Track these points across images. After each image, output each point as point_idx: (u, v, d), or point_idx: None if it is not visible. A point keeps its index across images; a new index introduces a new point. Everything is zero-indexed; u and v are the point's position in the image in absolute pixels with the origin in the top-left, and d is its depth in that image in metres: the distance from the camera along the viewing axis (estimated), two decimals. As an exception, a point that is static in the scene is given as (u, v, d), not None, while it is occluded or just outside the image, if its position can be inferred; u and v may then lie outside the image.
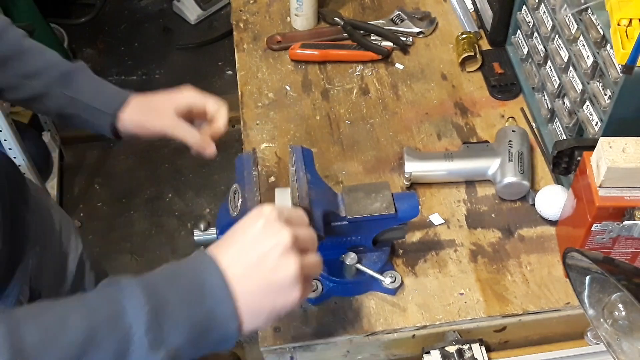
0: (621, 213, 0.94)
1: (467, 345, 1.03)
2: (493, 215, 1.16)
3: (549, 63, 1.21)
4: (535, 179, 1.20)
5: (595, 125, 1.06)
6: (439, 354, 1.02)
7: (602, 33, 1.00)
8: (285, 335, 1.03)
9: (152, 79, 2.85)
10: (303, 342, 1.03)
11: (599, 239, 0.97)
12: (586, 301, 0.88)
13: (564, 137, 1.17)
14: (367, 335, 1.04)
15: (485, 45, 1.42)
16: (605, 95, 1.02)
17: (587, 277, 0.87)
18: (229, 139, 2.60)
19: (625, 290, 0.77)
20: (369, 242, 1.04)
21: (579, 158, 1.05)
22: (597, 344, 1.05)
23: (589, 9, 1.02)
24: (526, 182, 1.15)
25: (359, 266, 1.02)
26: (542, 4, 1.20)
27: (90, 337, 0.64)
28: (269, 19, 1.50)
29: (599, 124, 1.04)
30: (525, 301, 1.06)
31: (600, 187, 0.94)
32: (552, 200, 1.12)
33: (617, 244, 0.98)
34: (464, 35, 1.39)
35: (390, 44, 1.42)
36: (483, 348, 1.04)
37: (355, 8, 1.51)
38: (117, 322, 0.65)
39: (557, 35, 1.16)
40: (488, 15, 1.41)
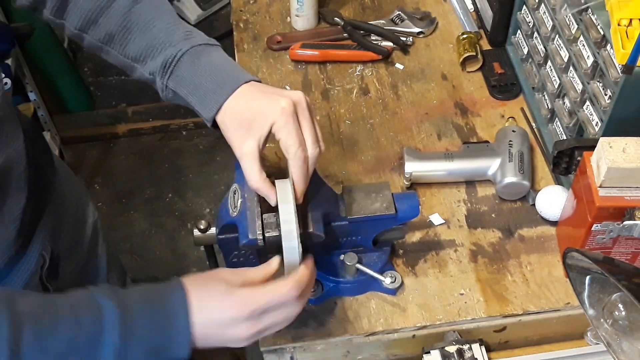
0: (621, 213, 0.94)
1: (467, 346, 1.03)
2: (493, 215, 1.16)
3: (549, 63, 1.21)
4: (536, 179, 1.20)
5: (596, 125, 1.06)
6: (439, 354, 1.02)
7: (602, 33, 1.00)
8: (285, 335, 1.03)
9: (152, 79, 2.85)
10: (303, 342, 1.03)
11: (599, 239, 0.97)
12: (586, 301, 0.88)
13: (564, 137, 1.17)
14: (367, 335, 1.04)
15: (486, 45, 1.42)
16: (606, 95, 1.02)
17: (587, 277, 0.87)
18: (229, 139, 2.63)
19: (625, 290, 0.77)
20: (369, 242, 1.04)
21: (579, 158, 1.05)
22: (597, 344, 1.05)
23: (589, 9, 1.02)
24: (526, 182, 1.15)
25: (359, 266, 1.02)
26: (542, 4, 1.20)
27: (72, 348, 0.75)
28: (269, 19, 1.50)
29: (599, 124, 1.04)
30: (525, 301, 1.06)
31: (600, 187, 0.94)
32: (553, 201, 1.12)
33: (617, 244, 0.98)
34: (465, 35, 1.39)
35: (390, 44, 1.42)
36: (483, 348, 1.04)
37: (355, 8, 1.51)
38: (95, 343, 0.76)
39: (557, 35, 1.16)
40: (488, 15, 1.41)
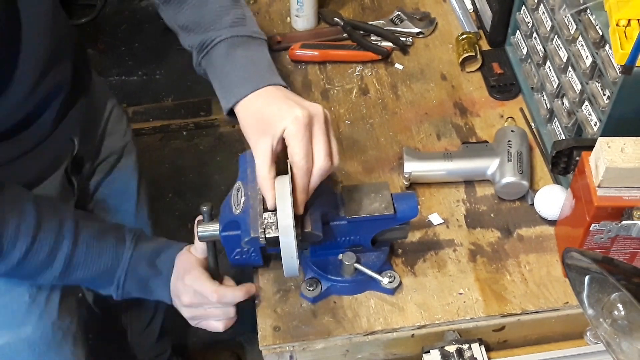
0: (620, 213, 0.94)
1: (467, 345, 1.03)
2: (492, 215, 1.17)
3: (548, 63, 1.21)
4: (534, 179, 1.20)
5: (594, 125, 1.06)
6: (439, 353, 1.03)
7: (601, 33, 1.00)
8: (285, 334, 1.03)
9: (152, 79, 2.85)
10: (303, 342, 1.03)
11: (597, 239, 0.97)
12: (585, 301, 0.88)
13: (563, 137, 1.18)
14: (367, 335, 1.04)
15: (485, 45, 1.42)
16: (604, 95, 1.02)
17: (586, 277, 0.87)
18: (229, 139, 2.64)
19: (625, 290, 0.77)
20: (367, 242, 1.04)
21: (577, 158, 1.05)
22: (597, 343, 1.05)
23: (588, 10, 1.02)
24: (525, 182, 1.15)
25: (357, 266, 1.02)
26: (542, 4, 1.21)
27: (99, 274, 1.06)
28: (269, 19, 1.51)
29: (598, 124, 1.05)
30: (524, 301, 1.06)
31: (598, 187, 0.94)
32: (552, 200, 1.12)
33: (615, 243, 0.98)
34: (464, 36, 1.39)
35: (390, 44, 1.42)
36: (482, 347, 1.04)
37: (355, 8, 1.52)
38: (111, 274, 1.07)
39: (556, 36, 1.17)
40: (487, 15, 1.41)
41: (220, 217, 1.01)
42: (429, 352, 1.04)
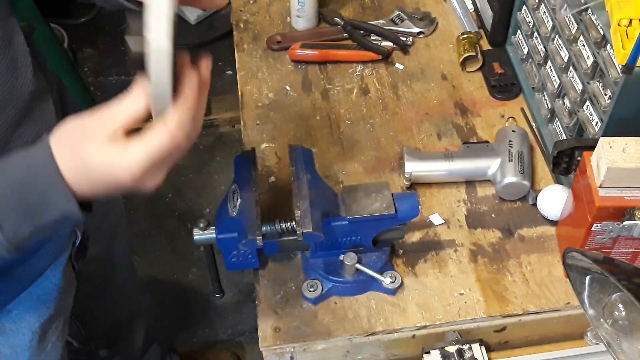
0: (621, 213, 0.94)
1: (467, 345, 1.03)
2: (493, 215, 1.16)
3: (549, 63, 1.21)
4: (536, 179, 1.20)
5: (596, 125, 1.06)
6: (439, 354, 1.02)
7: (602, 33, 1.00)
8: (285, 335, 1.03)
9: (152, 79, 2.85)
10: (303, 342, 1.03)
11: (599, 239, 0.97)
12: (586, 301, 0.88)
13: (564, 137, 1.17)
14: (367, 335, 1.04)
15: (485, 45, 1.42)
16: (606, 95, 1.02)
17: (587, 277, 0.87)
18: (229, 139, 2.63)
19: (625, 290, 0.77)
20: (368, 242, 1.04)
21: (579, 158, 1.05)
22: (597, 344, 1.05)
23: (589, 9, 1.02)
24: (526, 182, 1.15)
25: (358, 266, 1.02)
26: (542, 4, 1.20)
27: None
28: (269, 19, 1.50)
29: (599, 124, 1.04)
30: (525, 301, 1.06)
31: (600, 187, 0.94)
32: (555, 200, 1.12)
33: (617, 244, 0.98)
34: (465, 35, 1.39)
35: (390, 44, 1.42)
36: (483, 348, 1.04)
37: (355, 8, 1.51)
38: None
39: (557, 35, 1.16)
40: (488, 15, 1.41)
41: (217, 220, 1.01)
42: (429, 352, 1.03)
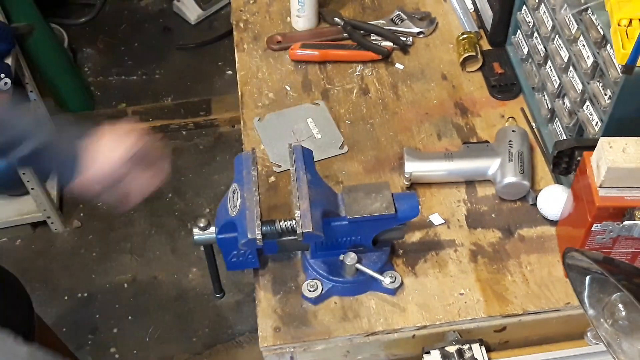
0: (621, 213, 0.94)
1: (467, 345, 1.03)
2: (493, 215, 1.16)
3: (549, 63, 1.21)
4: (535, 179, 1.20)
5: (596, 125, 1.06)
6: (439, 354, 1.02)
7: (602, 33, 0.99)
8: (285, 335, 1.03)
9: (152, 79, 2.85)
10: (303, 342, 1.03)
11: (599, 239, 0.97)
12: (586, 301, 0.88)
13: (564, 137, 1.17)
14: (367, 335, 1.04)
15: (485, 45, 1.42)
16: (606, 95, 1.02)
17: (587, 277, 0.87)
18: (229, 139, 2.63)
19: (625, 290, 0.77)
20: (368, 242, 1.04)
21: (579, 158, 1.05)
22: (597, 344, 1.05)
23: (589, 9, 1.02)
24: (526, 182, 1.15)
25: (358, 266, 1.02)
26: (542, 4, 1.20)
27: None
28: (269, 19, 1.50)
29: (599, 124, 1.04)
30: (525, 301, 1.06)
31: (600, 187, 0.94)
32: (555, 200, 1.12)
33: (617, 244, 0.98)
34: (465, 35, 1.39)
35: (390, 44, 1.42)
36: (483, 348, 1.04)
37: (355, 8, 1.51)
38: None
39: (557, 35, 1.16)
40: (488, 15, 1.41)
41: (217, 220, 1.01)
42: (429, 352, 1.03)
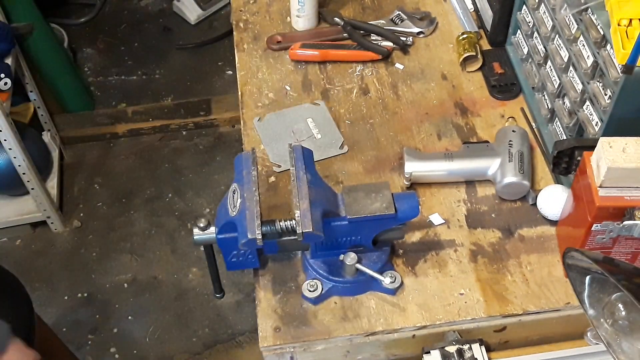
0: (621, 213, 0.94)
1: (467, 345, 1.03)
2: (493, 215, 1.16)
3: (549, 63, 1.21)
4: (536, 179, 1.20)
5: (596, 125, 1.06)
6: (439, 354, 1.02)
7: (602, 33, 0.99)
8: (285, 335, 1.03)
9: (152, 79, 2.85)
10: (303, 342, 1.03)
11: (599, 239, 0.97)
12: (586, 301, 0.88)
13: (564, 137, 1.17)
14: (367, 335, 1.04)
15: (485, 45, 1.42)
16: (606, 95, 1.02)
17: (587, 277, 0.87)
18: (229, 139, 2.63)
19: (625, 290, 0.77)
20: (368, 242, 1.04)
21: (579, 158, 1.05)
22: (597, 344, 1.05)
23: (589, 9, 1.02)
24: (526, 182, 1.15)
25: (358, 266, 1.02)
26: (542, 4, 1.20)
27: None
28: (269, 19, 1.50)
29: (599, 124, 1.04)
30: (525, 301, 1.06)
31: (600, 187, 0.94)
32: (555, 200, 1.12)
33: (617, 244, 0.98)
34: (465, 35, 1.39)
35: (390, 44, 1.42)
36: (483, 348, 1.04)
37: (355, 8, 1.51)
38: None
39: (557, 35, 1.16)
40: (488, 15, 1.41)
41: (217, 220, 1.00)
42: (429, 352, 1.03)
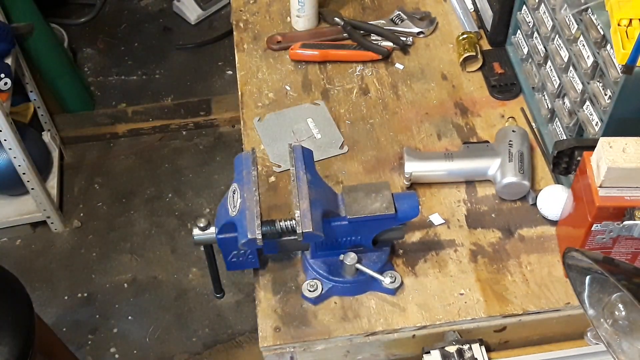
0: (621, 213, 0.94)
1: (467, 345, 1.03)
2: (493, 215, 1.16)
3: (549, 63, 1.21)
4: (536, 179, 1.20)
5: (596, 125, 1.06)
6: (439, 354, 1.02)
7: (602, 33, 0.99)
8: (285, 335, 1.03)
9: (152, 79, 2.85)
10: (303, 342, 1.03)
11: (599, 239, 0.97)
12: (586, 301, 0.88)
13: (564, 137, 1.17)
14: (367, 335, 1.04)
15: (486, 45, 1.42)
16: (606, 95, 1.02)
17: (587, 277, 0.87)
18: (229, 139, 2.63)
19: (625, 290, 0.77)
20: (368, 242, 1.04)
21: (579, 158, 1.05)
22: (597, 344, 1.05)
23: (589, 9, 1.02)
24: (526, 182, 1.15)
25: (358, 266, 1.02)
26: (542, 4, 1.20)
27: None
28: (269, 19, 1.50)
29: (599, 124, 1.04)
30: (525, 301, 1.06)
31: (600, 187, 0.94)
32: (555, 200, 1.12)
33: (617, 244, 0.98)
34: (465, 35, 1.39)
35: (390, 44, 1.42)
36: (483, 348, 1.04)
37: (355, 8, 1.51)
38: None
39: (557, 35, 1.16)
40: (488, 15, 1.41)
41: (217, 220, 1.00)
42: (429, 352, 1.03)
